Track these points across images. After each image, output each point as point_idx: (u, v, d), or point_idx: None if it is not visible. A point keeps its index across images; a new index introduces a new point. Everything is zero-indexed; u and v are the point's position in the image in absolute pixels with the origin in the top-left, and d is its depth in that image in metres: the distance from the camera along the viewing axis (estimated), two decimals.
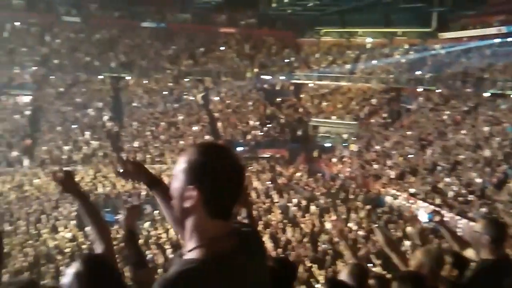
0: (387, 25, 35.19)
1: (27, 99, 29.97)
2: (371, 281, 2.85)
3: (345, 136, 28.74)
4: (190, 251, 1.27)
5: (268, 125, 29.90)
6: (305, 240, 13.84)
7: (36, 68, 31.57)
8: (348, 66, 33.68)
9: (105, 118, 28.99)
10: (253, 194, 18.53)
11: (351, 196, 19.16)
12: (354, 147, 26.17)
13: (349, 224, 15.15)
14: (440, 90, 27.50)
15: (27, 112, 28.70)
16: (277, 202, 18.32)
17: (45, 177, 21.55)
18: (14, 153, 24.84)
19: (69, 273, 1.66)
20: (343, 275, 2.74)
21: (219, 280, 1.20)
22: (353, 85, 32.53)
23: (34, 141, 26.27)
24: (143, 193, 19.33)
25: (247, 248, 1.33)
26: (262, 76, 34.90)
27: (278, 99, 33.19)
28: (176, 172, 1.29)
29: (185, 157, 1.28)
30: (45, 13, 35.17)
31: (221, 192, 1.25)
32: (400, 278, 2.46)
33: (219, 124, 29.83)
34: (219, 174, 1.24)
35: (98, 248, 2.08)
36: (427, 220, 3.49)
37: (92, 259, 1.82)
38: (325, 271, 11.29)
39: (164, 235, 14.38)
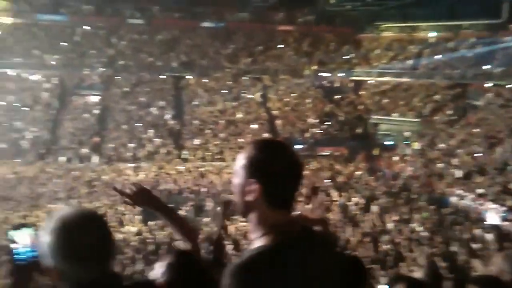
0: (452, 18, 33.69)
1: (95, 99, 31.60)
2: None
3: (407, 134, 27.91)
4: (255, 240, 1.36)
5: (327, 123, 29.65)
6: (366, 240, 13.63)
7: (104, 69, 33.18)
8: (410, 62, 32.64)
9: (167, 116, 29.96)
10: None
11: (414, 196, 18.62)
12: (416, 145, 25.37)
13: (412, 225, 14.74)
14: (511, 86, 25.97)
15: (96, 111, 30.27)
16: (336, 201, 18.17)
17: (112, 173, 22.74)
18: (84, 150, 26.34)
19: (161, 265, 1.82)
20: (419, 273, 2.68)
21: (283, 265, 1.27)
22: (416, 81, 31.51)
23: (102, 139, 27.68)
24: (203, 190, 19.88)
25: (312, 239, 1.42)
26: (320, 74, 34.65)
27: (337, 96, 32.81)
28: (236, 169, 1.40)
29: (244, 154, 1.39)
30: (112, 16, 36.81)
31: (280, 183, 1.35)
32: (481, 282, 2.36)
33: (278, 122, 29.95)
34: (277, 167, 1.34)
35: (187, 246, 2.20)
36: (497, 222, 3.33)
37: (183, 254, 1.98)
38: (387, 272, 11.07)
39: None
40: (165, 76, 33.80)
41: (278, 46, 37.14)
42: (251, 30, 38.05)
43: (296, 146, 25.71)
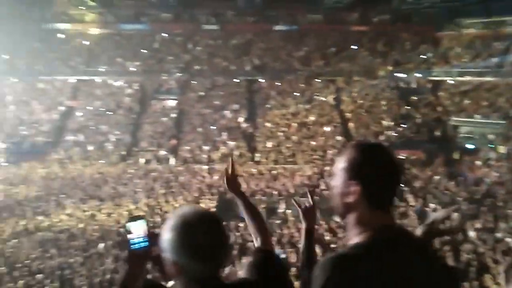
0: None
1: (173, 103, 32.97)
2: None
3: (491, 136, 26.15)
4: (352, 238, 1.39)
5: (402, 125, 28.59)
6: (445, 248, 12.95)
7: (180, 74, 34.52)
8: (494, 59, 30.58)
9: (241, 119, 30.51)
10: None
11: (500, 203, 17.39)
12: (502, 149, 23.71)
13: (498, 234, 13.78)
14: None
15: (173, 115, 31.56)
16: (412, 206, 17.46)
17: (188, 175, 23.55)
18: (162, 152, 27.57)
19: (245, 264, 1.90)
20: None
21: (376, 263, 1.28)
22: (501, 80, 29.43)
23: (178, 141, 28.79)
24: (274, 192, 19.97)
25: (409, 241, 1.42)
26: (396, 74, 33.50)
27: (414, 98, 31.53)
28: (336, 170, 1.44)
29: (344, 156, 1.43)
30: (188, 23, 38.20)
31: (380, 185, 1.37)
32: None
33: (351, 125, 29.39)
34: (377, 169, 1.37)
35: (257, 242, 2.26)
36: None
37: (264, 251, 2.04)
38: (470, 284, 10.44)
39: (297, 234, 14.62)
40: (238, 80, 34.47)
41: (352, 47, 36.46)
42: (324, 32, 37.69)
43: None
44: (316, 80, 33.86)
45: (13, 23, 35.15)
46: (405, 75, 33.28)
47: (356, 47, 36.38)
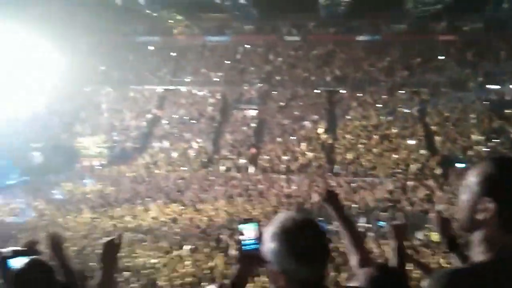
0: None
1: (253, 112, 33.52)
2: None
3: None
4: (474, 256, 1.31)
5: (494, 140, 26.70)
6: None
7: (261, 84, 35.05)
8: None
9: (320, 130, 30.26)
10: None
11: None
12: None
13: None
14: None
15: (253, 125, 32.08)
16: None
17: (266, 184, 23.75)
18: (242, 161, 28.08)
19: (363, 275, 1.89)
20: None
21: (495, 283, 1.20)
22: None
23: (258, 151, 29.17)
24: (354, 205, 19.49)
25: None
26: (487, 86, 31.41)
27: (507, 111, 29.33)
28: (467, 184, 1.34)
29: (479, 169, 1.32)
30: (270, 34, 38.75)
31: None
32: None
33: (437, 138, 27.97)
34: None
35: (353, 259, 2.22)
36: None
37: (384, 267, 2.01)
38: None
39: (376, 250, 14.13)
40: (319, 91, 34.24)
41: (439, 57, 34.80)
42: (409, 42, 36.32)
43: (457, 165, 23.74)
44: (400, 91, 32.70)
45: (109, 37, 37.96)
46: (497, 87, 31.10)
47: (443, 57, 34.68)
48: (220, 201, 20.69)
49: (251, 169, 27.17)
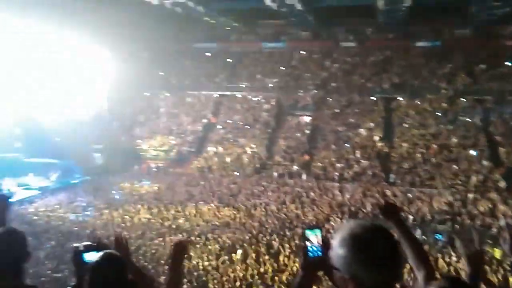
0: None
1: (307, 119, 33.36)
2: None
3: None
4: None
5: None
6: None
7: (316, 91, 34.81)
8: None
9: (376, 138, 29.58)
10: None
11: None
12: None
13: None
14: None
15: (307, 131, 31.92)
16: None
17: (319, 191, 23.50)
18: (295, 167, 28.00)
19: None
20: None
21: None
22: None
23: (311, 157, 28.96)
24: (410, 216, 18.85)
25: None
26: None
27: None
28: None
29: None
30: (326, 41, 38.42)
31: None
32: None
33: (501, 149, 26.51)
34: None
35: (419, 274, 2.15)
36: None
37: (451, 278, 1.95)
38: None
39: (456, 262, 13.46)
40: (375, 98, 33.50)
41: (505, 63, 32.97)
42: (472, 47, 34.67)
43: None
44: (461, 99, 31.30)
45: (168, 43, 39.21)
46: None
47: (510, 64, 32.82)
48: (272, 207, 20.69)
49: (304, 176, 27.00)
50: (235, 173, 28.36)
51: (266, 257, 14.10)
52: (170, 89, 38.00)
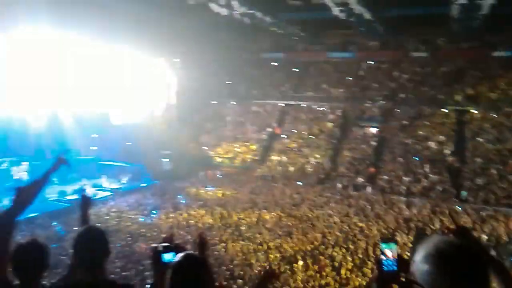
0: None
1: (374, 130, 32.61)
2: None
3: None
4: None
5: None
6: None
7: (384, 102, 33.97)
8: None
9: (447, 151, 28.32)
10: None
11: None
12: None
13: None
14: None
15: (373, 143, 31.20)
16: None
17: (384, 205, 22.85)
18: (360, 179, 27.45)
19: None
20: None
21: None
22: None
23: (377, 170, 28.26)
24: (484, 236, 17.81)
25: None
26: None
27: None
28: None
29: None
30: (395, 50, 37.41)
31: None
32: None
33: None
34: None
35: None
36: None
37: None
38: None
39: None
40: (447, 110, 32.07)
41: None
42: None
43: None
44: None
45: (235, 53, 40.06)
46: None
47: None
48: (335, 218, 20.40)
49: (369, 189, 26.39)
50: (298, 182, 28.28)
51: (328, 269, 13.93)
52: (236, 98, 38.76)
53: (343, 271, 13.69)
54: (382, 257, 1.76)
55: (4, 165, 25.35)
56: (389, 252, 1.77)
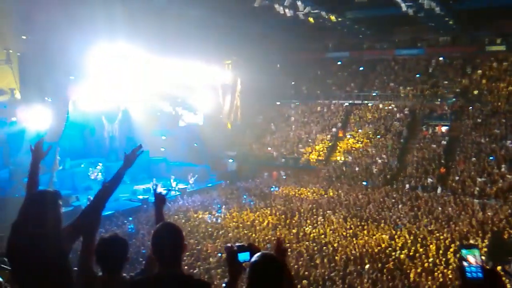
0: None
1: (444, 129, 31.20)
2: None
3: None
4: None
5: None
6: None
7: (455, 99, 32.41)
8: None
9: None
10: None
11: None
12: None
13: None
14: None
15: (444, 142, 29.87)
16: None
17: (456, 207, 21.81)
18: (429, 180, 26.40)
19: None
20: None
21: None
22: None
23: (448, 170, 27.04)
24: None
25: None
26: None
27: None
28: None
29: None
30: (468, 45, 35.52)
31: None
32: None
33: None
34: None
35: None
36: None
37: None
38: None
39: None
40: None
41: None
42: None
43: None
44: None
45: (299, 54, 40.00)
46: None
47: None
48: (403, 220, 19.79)
49: (439, 190, 25.31)
50: (364, 183, 27.73)
51: (396, 273, 13.58)
52: (300, 98, 38.69)
53: (412, 275, 13.29)
54: (465, 263, 1.69)
55: (81, 165, 27.12)
56: (472, 258, 1.69)
